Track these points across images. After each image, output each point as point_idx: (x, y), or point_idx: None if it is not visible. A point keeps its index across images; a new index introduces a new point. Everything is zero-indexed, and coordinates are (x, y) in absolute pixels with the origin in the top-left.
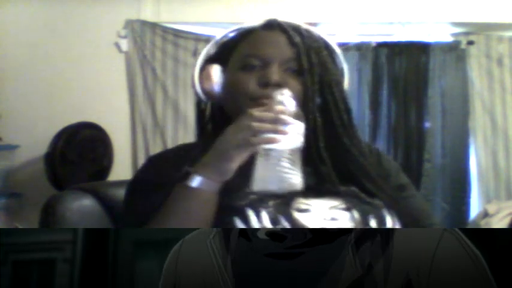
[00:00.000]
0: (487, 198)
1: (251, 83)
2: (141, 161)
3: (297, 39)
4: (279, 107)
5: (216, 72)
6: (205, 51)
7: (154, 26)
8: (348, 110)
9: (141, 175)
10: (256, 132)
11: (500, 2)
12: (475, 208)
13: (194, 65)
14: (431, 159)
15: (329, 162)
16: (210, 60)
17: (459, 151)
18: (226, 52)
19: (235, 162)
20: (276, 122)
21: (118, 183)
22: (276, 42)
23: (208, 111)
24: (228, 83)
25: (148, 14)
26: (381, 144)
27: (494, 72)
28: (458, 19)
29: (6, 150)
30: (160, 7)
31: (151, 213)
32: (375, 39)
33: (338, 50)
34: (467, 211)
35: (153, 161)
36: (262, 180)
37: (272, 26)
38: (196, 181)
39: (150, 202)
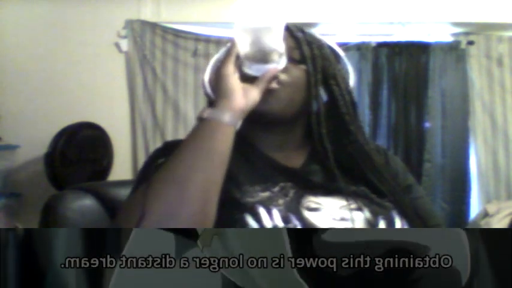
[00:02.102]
0: (487, 198)
1: None
2: (141, 161)
3: (299, 33)
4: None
5: None
6: (217, 56)
7: (154, 26)
8: (354, 104)
9: (154, 157)
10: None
11: (500, 2)
12: (475, 208)
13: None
14: (431, 159)
15: (329, 148)
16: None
17: (459, 151)
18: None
19: (228, 77)
20: None
21: (118, 183)
22: None
23: None
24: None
25: (148, 14)
26: (381, 144)
27: (494, 72)
28: (458, 19)
29: (6, 150)
30: (160, 7)
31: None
32: (375, 39)
33: (342, 53)
34: (467, 211)
35: (168, 145)
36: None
37: None
38: (206, 113)
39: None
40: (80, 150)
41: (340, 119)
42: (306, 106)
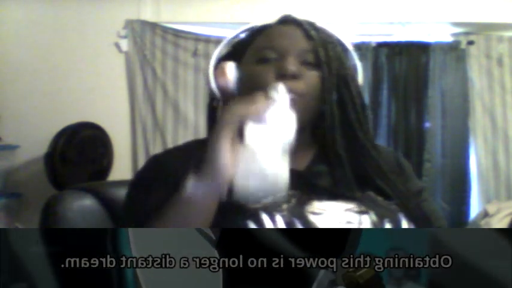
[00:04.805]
0: (487, 198)
1: (268, 76)
2: (141, 161)
3: (313, 32)
4: (260, 104)
5: (230, 68)
6: (219, 49)
7: (154, 26)
8: (363, 106)
9: (143, 173)
10: (234, 110)
11: (500, 2)
12: (475, 208)
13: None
14: (431, 159)
15: (345, 160)
16: (223, 58)
17: (459, 151)
18: (240, 49)
19: (219, 153)
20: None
21: (118, 183)
22: (292, 35)
23: (220, 110)
24: (244, 77)
25: (148, 14)
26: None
27: (494, 72)
28: (458, 19)
29: (6, 150)
30: (160, 7)
31: (150, 212)
32: (375, 39)
33: (350, 47)
34: (467, 211)
35: (157, 159)
36: (243, 175)
37: (287, 20)
38: (188, 186)
39: (151, 201)
40: (80, 150)
41: (348, 124)
42: (318, 110)
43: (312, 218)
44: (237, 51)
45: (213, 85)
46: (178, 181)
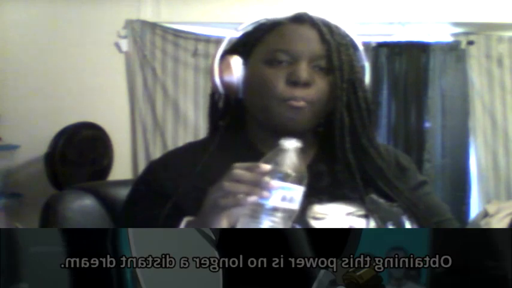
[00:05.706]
0: (487, 198)
1: (279, 81)
2: (141, 161)
3: (328, 36)
4: (265, 167)
5: (237, 63)
6: (225, 42)
7: (154, 26)
8: (369, 110)
9: (141, 183)
10: (228, 194)
11: (500, 2)
12: (475, 208)
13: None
14: (431, 159)
15: (355, 166)
16: (230, 52)
17: (459, 151)
18: (250, 44)
19: (215, 224)
20: (257, 185)
21: (118, 183)
22: (306, 38)
23: (221, 104)
24: (253, 77)
25: (148, 14)
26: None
27: (494, 72)
28: (458, 19)
29: (6, 150)
30: (160, 7)
31: (146, 225)
32: (375, 39)
33: (361, 47)
34: (467, 211)
35: (154, 168)
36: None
37: (302, 19)
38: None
39: (151, 214)
40: (80, 150)
41: (353, 130)
42: (325, 114)
43: (314, 223)
44: (245, 46)
45: (217, 79)
46: (175, 197)
